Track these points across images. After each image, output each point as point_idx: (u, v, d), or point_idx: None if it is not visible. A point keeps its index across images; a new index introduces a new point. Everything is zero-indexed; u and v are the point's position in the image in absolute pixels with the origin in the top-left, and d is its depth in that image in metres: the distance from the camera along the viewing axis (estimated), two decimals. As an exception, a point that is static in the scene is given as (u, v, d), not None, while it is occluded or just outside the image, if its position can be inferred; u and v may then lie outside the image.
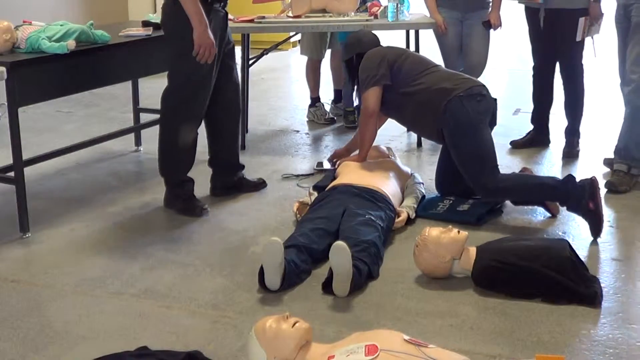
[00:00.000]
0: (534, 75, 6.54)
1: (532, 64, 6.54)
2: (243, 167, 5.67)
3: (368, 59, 5.32)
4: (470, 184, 5.05)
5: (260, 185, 5.68)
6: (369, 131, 5.34)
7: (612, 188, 5.51)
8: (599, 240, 4.72)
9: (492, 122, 5.20)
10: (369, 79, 5.24)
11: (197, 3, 4.85)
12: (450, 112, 5.01)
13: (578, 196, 4.73)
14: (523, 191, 5.00)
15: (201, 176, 5.46)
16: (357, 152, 5.55)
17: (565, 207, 4.90)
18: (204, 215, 5.15)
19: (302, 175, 5.93)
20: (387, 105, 5.31)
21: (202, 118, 5.24)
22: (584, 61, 6.25)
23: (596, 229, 4.74)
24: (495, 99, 5.22)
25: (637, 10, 5.50)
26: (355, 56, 5.45)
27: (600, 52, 6.04)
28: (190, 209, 5.19)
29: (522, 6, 6.40)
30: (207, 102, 5.17)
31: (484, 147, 5.00)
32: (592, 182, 4.74)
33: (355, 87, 5.53)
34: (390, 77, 5.22)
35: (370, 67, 5.27)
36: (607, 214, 5.16)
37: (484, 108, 5.10)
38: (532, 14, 6.28)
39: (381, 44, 5.55)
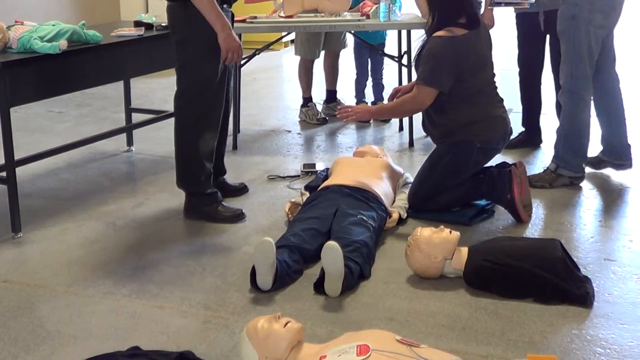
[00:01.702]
0: (521, 81, 6.56)
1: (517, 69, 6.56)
2: (225, 172, 5.60)
3: (443, 51, 5.00)
4: (413, 187, 5.17)
5: (242, 190, 5.61)
6: (403, 116, 5.35)
7: (534, 183, 5.54)
8: (590, 240, 4.74)
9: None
10: (432, 78, 5.00)
11: (217, 7, 4.75)
12: (457, 149, 5.06)
13: (499, 192, 4.99)
14: (450, 207, 5.09)
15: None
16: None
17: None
18: (242, 221, 5.09)
19: (289, 176, 5.93)
20: None
21: (220, 121, 5.11)
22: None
23: (516, 219, 4.99)
24: (510, 137, 5.34)
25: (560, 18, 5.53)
26: None
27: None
28: (226, 218, 5.08)
29: (512, 8, 6.40)
30: (224, 103, 5.11)
31: (452, 182, 5.08)
32: (509, 174, 4.95)
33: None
34: (450, 88, 5.03)
35: (441, 66, 4.98)
36: (600, 214, 5.19)
37: (487, 161, 5.20)
38: (529, 18, 6.25)
39: None
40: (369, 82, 7.81)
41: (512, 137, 6.58)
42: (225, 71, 5.00)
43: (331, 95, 7.82)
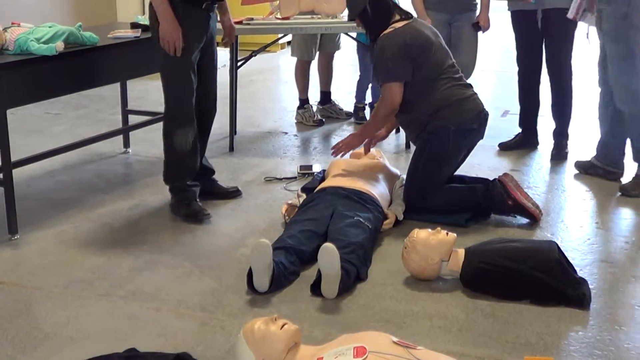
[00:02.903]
0: (519, 80, 6.56)
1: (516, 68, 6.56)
2: (213, 171, 5.59)
3: (391, 45, 5.06)
4: (405, 186, 5.20)
5: (233, 193, 5.59)
6: (383, 124, 5.38)
7: (625, 193, 5.52)
8: (587, 241, 4.74)
9: (479, 139, 5.28)
10: (392, 72, 5.07)
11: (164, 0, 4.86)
12: (434, 136, 5.06)
13: (498, 202, 4.99)
14: (446, 210, 5.07)
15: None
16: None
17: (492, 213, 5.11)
18: (205, 222, 5.10)
19: (285, 178, 5.93)
20: None
21: (193, 119, 5.11)
22: (572, 62, 6.26)
23: (529, 218, 5.00)
24: (486, 118, 5.21)
25: (607, 17, 5.50)
26: (368, 5, 5.12)
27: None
28: (191, 215, 5.13)
29: (508, 10, 6.40)
30: (193, 100, 5.08)
31: (439, 175, 5.11)
32: (500, 182, 4.99)
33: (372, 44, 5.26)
34: (411, 74, 5.08)
35: (394, 57, 5.04)
36: (596, 216, 5.19)
37: (468, 143, 5.19)
38: (525, 17, 6.26)
39: None
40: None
41: (509, 139, 6.64)
42: (187, 63, 4.99)
43: (325, 96, 7.83)
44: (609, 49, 5.52)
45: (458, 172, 5.32)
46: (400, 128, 6.33)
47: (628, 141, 5.70)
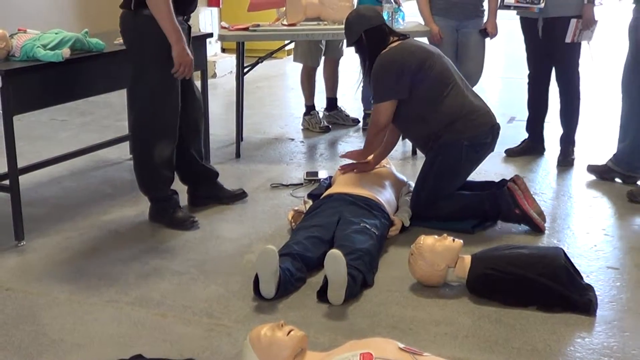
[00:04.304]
0: (529, 84, 6.55)
1: (527, 72, 6.55)
2: (217, 174, 5.57)
3: (388, 64, 5.05)
4: (412, 195, 5.18)
5: (240, 195, 5.60)
6: (377, 142, 5.30)
7: (634, 199, 5.51)
8: (593, 248, 4.73)
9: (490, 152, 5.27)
10: (386, 91, 5.07)
11: (174, 19, 4.76)
12: (446, 149, 5.03)
13: (505, 211, 4.98)
14: (453, 217, 5.06)
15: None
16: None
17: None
18: (193, 229, 5.10)
19: (292, 184, 5.93)
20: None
21: (176, 129, 5.08)
22: (580, 69, 6.26)
23: (534, 229, 4.96)
24: (498, 132, 5.19)
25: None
26: (364, 34, 5.16)
27: (597, 58, 6.04)
28: (178, 223, 5.12)
29: (517, 16, 6.41)
30: (179, 112, 5.05)
31: (449, 187, 5.09)
32: (509, 190, 4.97)
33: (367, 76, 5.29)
34: (409, 90, 5.04)
35: (390, 76, 5.04)
36: (603, 222, 5.18)
37: (480, 157, 5.18)
38: (529, 24, 6.28)
39: (382, 15, 5.33)
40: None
41: (515, 145, 6.63)
42: (174, 78, 4.95)
43: (331, 103, 7.83)
44: None
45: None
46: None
47: None
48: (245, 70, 7.02)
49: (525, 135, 6.68)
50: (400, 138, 6.79)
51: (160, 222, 5.17)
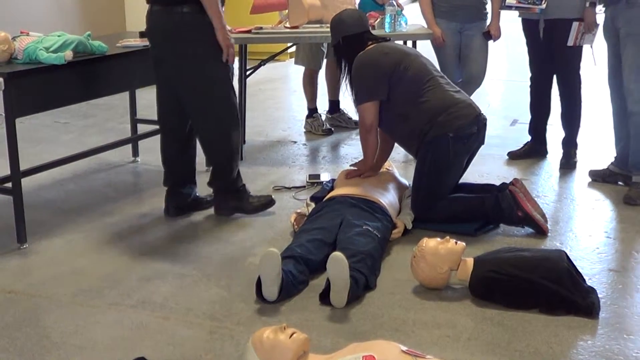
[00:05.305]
0: (531, 86, 6.55)
1: (529, 74, 6.54)
2: (195, 182, 5.57)
3: (363, 67, 5.17)
4: (412, 197, 5.17)
5: (210, 202, 5.55)
6: (371, 144, 5.29)
7: (631, 202, 5.50)
8: (596, 250, 4.73)
9: (480, 144, 5.25)
10: (364, 93, 5.16)
11: (219, 2, 4.90)
12: (434, 145, 5.02)
13: (508, 214, 4.97)
14: (455, 219, 5.06)
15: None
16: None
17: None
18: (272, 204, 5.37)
19: (294, 187, 5.93)
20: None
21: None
22: (581, 72, 6.26)
23: (537, 231, 4.96)
24: (485, 123, 5.18)
25: (624, 20, 5.51)
26: (342, 40, 5.31)
27: (600, 61, 6.04)
28: (263, 205, 5.36)
29: (519, 17, 6.41)
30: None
31: (444, 184, 5.10)
32: (510, 193, 4.97)
33: (346, 80, 5.38)
34: (387, 91, 5.12)
35: (366, 78, 5.16)
36: (605, 225, 5.18)
37: (468, 149, 5.15)
38: (531, 26, 6.29)
39: (365, 22, 5.39)
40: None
41: (518, 147, 6.63)
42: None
43: (334, 105, 7.83)
44: (632, 54, 5.50)
45: (467, 180, 5.32)
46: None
47: None
48: (248, 72, 7.03)
49: (528, 138, 6.67)
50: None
51: (236, 211, 5.33)
